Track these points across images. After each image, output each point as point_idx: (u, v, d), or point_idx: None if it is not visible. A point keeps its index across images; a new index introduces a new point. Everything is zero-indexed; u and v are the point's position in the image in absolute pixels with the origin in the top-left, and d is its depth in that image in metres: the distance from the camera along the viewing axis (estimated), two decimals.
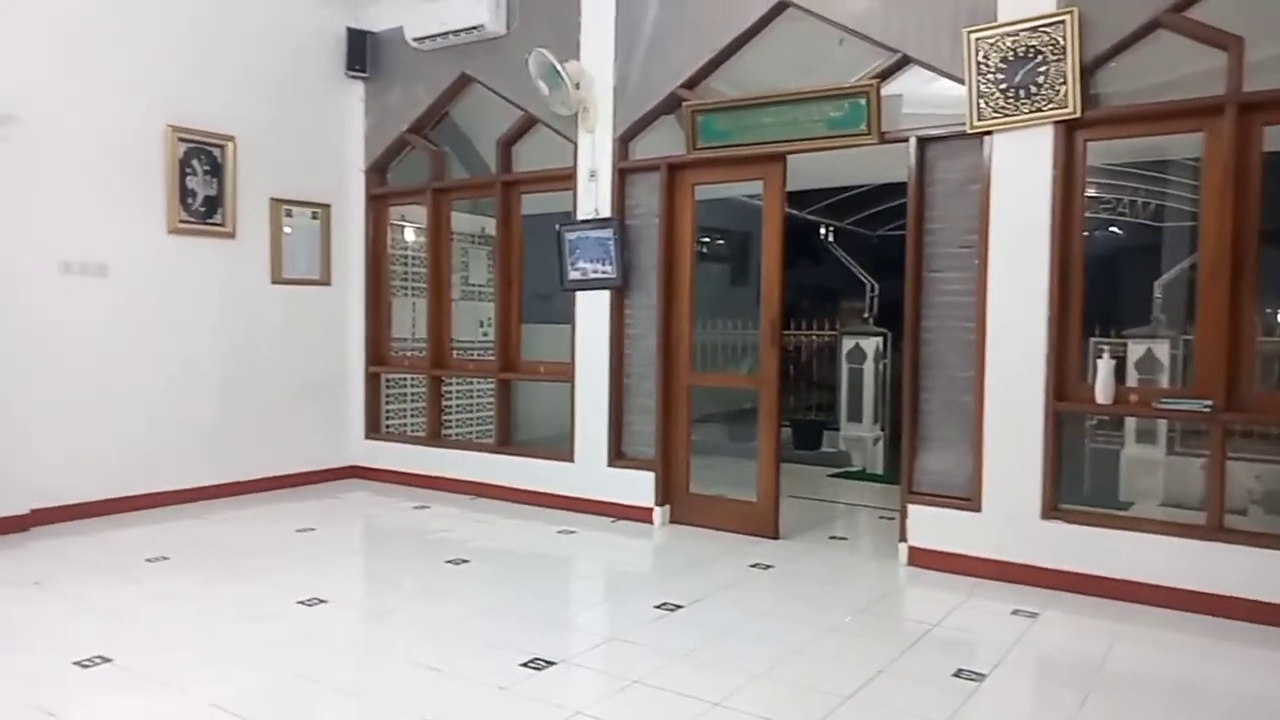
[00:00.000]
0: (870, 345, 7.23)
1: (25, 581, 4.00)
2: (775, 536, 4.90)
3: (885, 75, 4.47)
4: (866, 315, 8.21)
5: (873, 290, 8.43)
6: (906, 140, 4.43)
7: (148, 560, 4.36)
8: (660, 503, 5.23)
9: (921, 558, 4.38)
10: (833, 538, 5.09)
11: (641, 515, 5.25)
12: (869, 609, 3.85)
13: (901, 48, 4.40)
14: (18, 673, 3.00)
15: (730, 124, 4.87)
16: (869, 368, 7.18)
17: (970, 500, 4.27)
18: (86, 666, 3.02)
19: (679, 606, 3.76)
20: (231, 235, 5.84)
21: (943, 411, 4.41)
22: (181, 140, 5.53)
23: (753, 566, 4.40)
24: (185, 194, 5.57)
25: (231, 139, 5.77)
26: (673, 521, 5.24)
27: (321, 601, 3.77)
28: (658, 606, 3.76)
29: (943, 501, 4.36)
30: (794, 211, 7.01)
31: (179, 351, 5.61)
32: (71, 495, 5.09)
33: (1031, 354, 4.10)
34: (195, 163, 5.61)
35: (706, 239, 7.93)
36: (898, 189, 6.09)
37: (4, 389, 4.78)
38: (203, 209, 5.67)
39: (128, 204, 5.33)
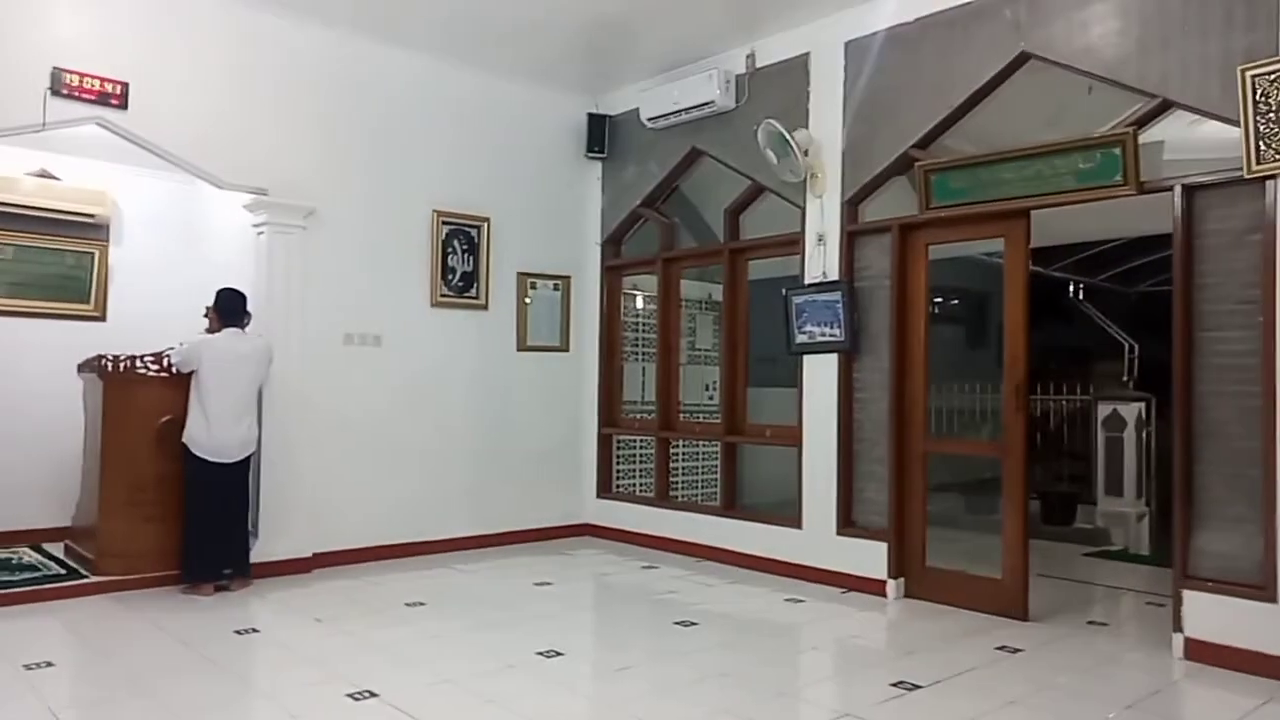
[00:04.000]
0: (1130, 411, 6.58)
1: (309, 618, 4.50)
2: (1024, 618, 4.52)
3: (1143, 122, 4.16)
4: (1125, 378, 7.49)
5: (1132, 351, 7.70)
6: (1170, 190, 4.07)
7: (408, 604, 4.76)
8: (894, 575, 5.00)
9: (1202, 651, 3.87)
10: (1091, 623, 4.62)
11: (873, 587, 5.05)
12: (1139, 705, 3.45)
13: (1161, 92, 4.08)
14: (303, 699, 3.36)
15: (967, 181, 4.71)
16: (1129, 436, 6.52)
17: (1264, 589, 3.73)
18: (357, 699, 3.33)
19: (917, 686, 3.55)
20: (484, 307, 6.38)
21: (1223, 486, 3.92)
22: (444, 223, 6.16)
23: (999, 649, 4.08)
24: (446, 271, 6.18)
25: (486, 220, 6.35)
26: (907, 595, 4.99)
27: (559, 654, 3.93)
28: (894, 684, 3.58)
29: (1228, 589, 3.84)
30: (1039, 269, 6.60)
31: (437, 413, 6.15)
32: (344, 541, 5.67)
33: None
34: (455, 242, 6.22)
35: (939, 299, 7.63)
36: (1159, 241, 5.59)
37: (294, 446, 5.45)
38: (460, 284, 6.25)
39: (399, 281, 5.98)
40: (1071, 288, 8.95)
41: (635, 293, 7.21)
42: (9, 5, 4.58)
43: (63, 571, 5.07)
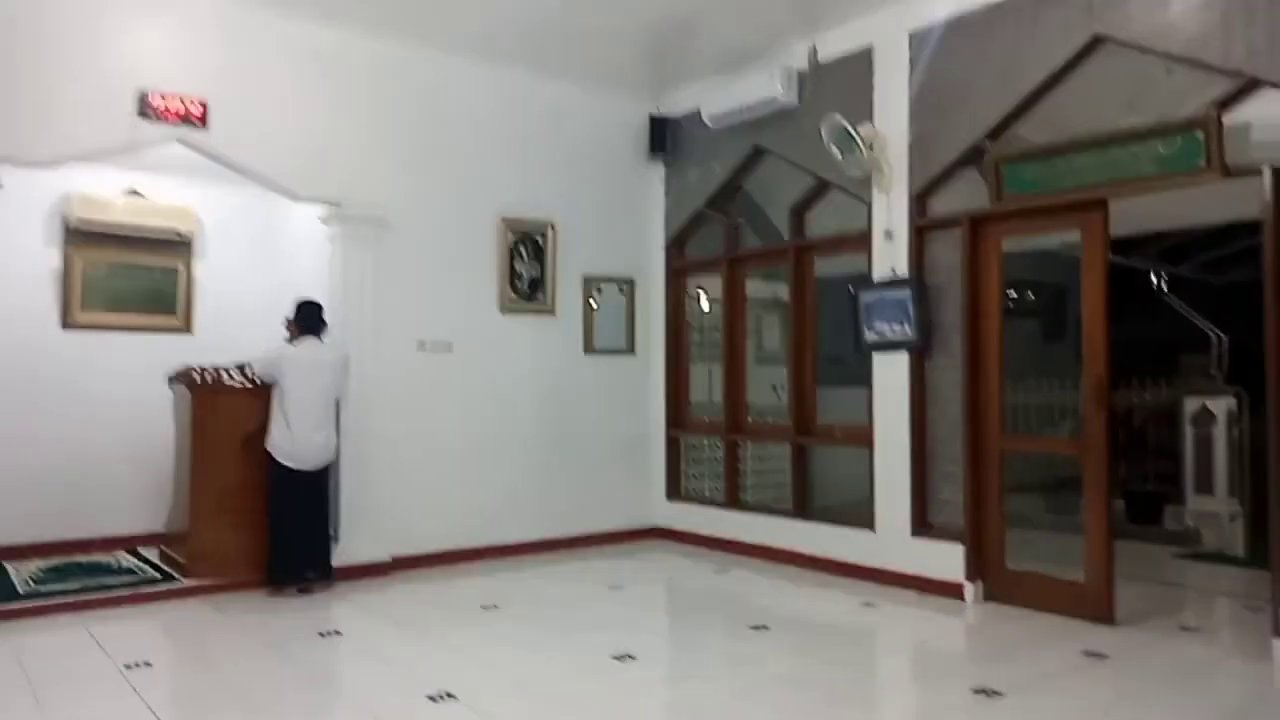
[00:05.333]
0: (1220, 406, 6.30)
1: (389, 621, 4.61)
2: (1110, 622, 4.37)
3: (1227, 102, 3.99)
4: (1214, 372, 7.17)
5: (1220, 344, 7.36)
6: (1259, 173, 3.89)
7: (483, 607, 4.84)
8: (971, 578, 4.89)
9: None
10: (1184, 628, 4.44)
11: (950, 590, 4.94)
12: (1236, 715, 3.31)
13: (1248, 70, 3.90)
14: (385, 701, 3.44)
15: (1040, 171, 4.57)
16: (1220, 432, 6.24)
17: None
18: (436, 701, 3.40)
19: (999, 693, 3.47)
20: (551, 312, 6.46)
21: None
22: (511, 230, 6.25)
23: (1085, 655, 3.95)
24: (514, 277, 6.27)
25: (551, 225, 6.42)
26: (986, 599, 4.86)
27: (632, 658, 3.95)
28: (975, 691, 3.49)
29: None
30: (1118, 259, 6.36)
31: (507, 418, 6.24)
32: (421, 545, 5.79)
33: None
34: (522, 249, 6.30)
35: (1013, 293, 7.43)
36: (1250, 228, 5.34)
37: (371, 452, 5.60)
38: (527, 289, 6.34)
39: (469, 288, 6.09)
40: (1154, 278, 8.60)
41: (700, 294, 7.19)
42: (98, 35, 4.81)
43: (158, 575, 5.30)
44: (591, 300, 6.69)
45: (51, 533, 5.95)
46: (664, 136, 6.78)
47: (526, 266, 6.33)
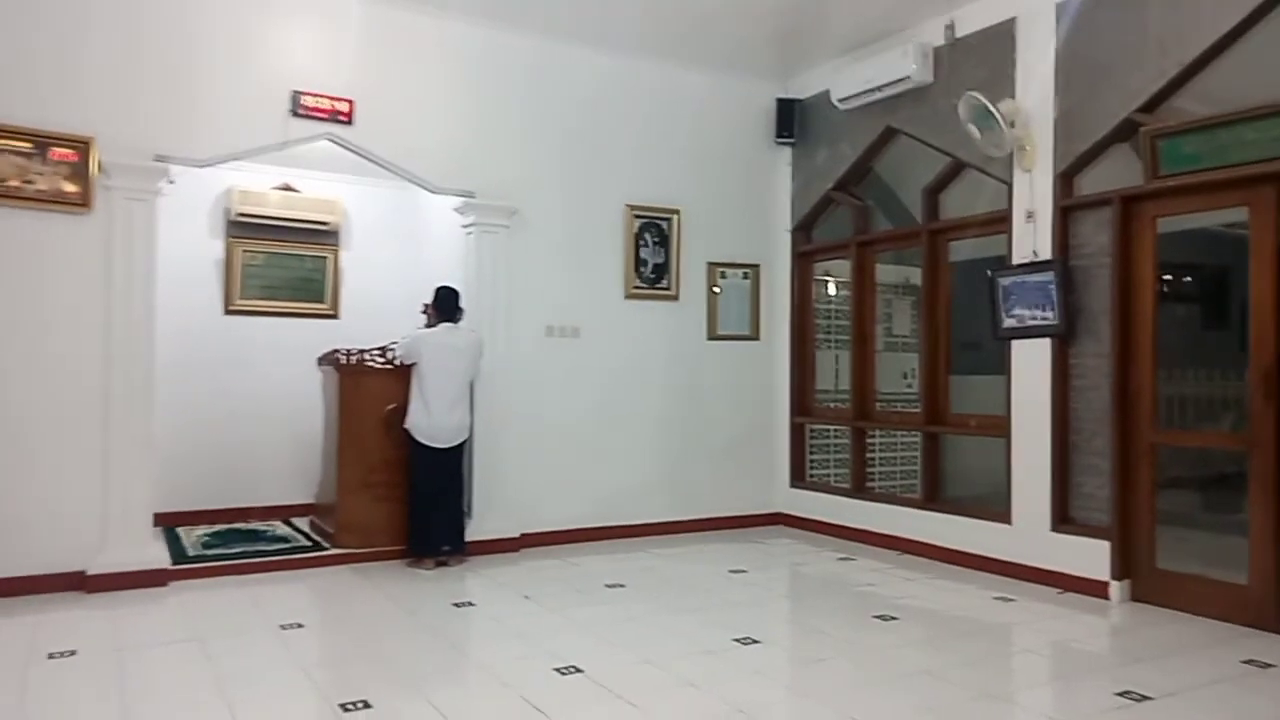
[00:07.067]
0: None
1: (518, 595, 4.77)
2: (1276, 630, 4.05)
3: None
4: None
5: None
6: None
7: (608, 585, 4.94)
8: (1118, 576, 4.63)
9: None
10: None
11: (1093, 589, 4.69)
12: None
13: None
14: (514, 672, 3.57)
15: (1202, 145, 4.25)
16: None
17: None
18: (563, 674, 3.51)
19: (1147, 698, 3.28)
20: (675, 297, 6.49)
21: None
22: (636, 217, 6.32)
23: (1246, 663, 3.68)
24: (639, 263, 6.34)
25: (676, 211, 6.45)
26: (1133, 599, 4.60)
27: (755, 641, 3.95)
28: (1119, 694, 3.32)
29: None
30: None
31: (633, 402, 6.33)
32: (549, 523, 5.97)
33: None
34: (647, 235, 6.36)
35: (1168, 276, 6.96)
36: None
37: (502, 433, 5.79)
38: (652, 275, 6.40)
39: (595, 275, 6.21)
40: None
41: (827, 279, 7.07)
42: (253, 40, 5.14)
43: (308, 544, 5.67)
44: (715, 286, 6.69)
45: (215, 501, 6.46)
46: (791, 119, 6.68)
47: (651, 253, 6.39)
